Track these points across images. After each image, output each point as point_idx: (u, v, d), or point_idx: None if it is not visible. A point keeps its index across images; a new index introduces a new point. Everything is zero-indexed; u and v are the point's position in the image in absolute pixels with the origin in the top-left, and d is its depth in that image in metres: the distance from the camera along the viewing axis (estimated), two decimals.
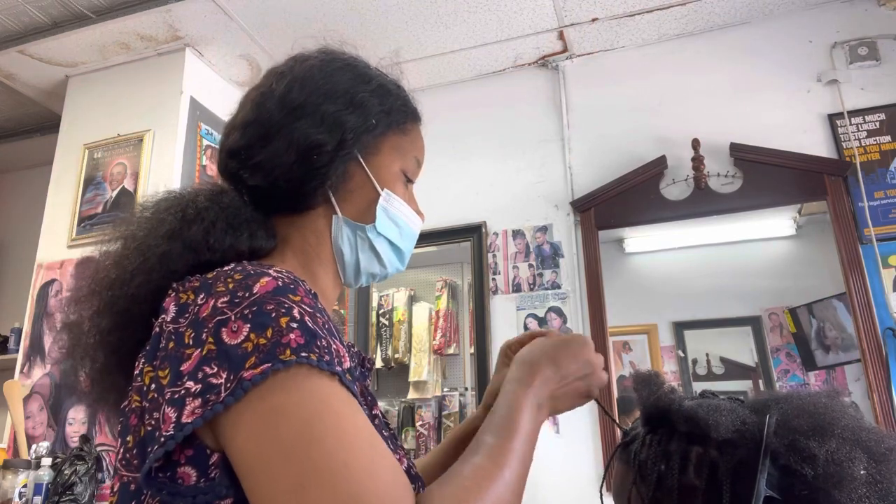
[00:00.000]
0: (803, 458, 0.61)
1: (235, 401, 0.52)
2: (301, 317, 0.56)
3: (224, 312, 0.56)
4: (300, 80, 0.77)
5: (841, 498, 0.59)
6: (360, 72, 0.81)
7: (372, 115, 0.77)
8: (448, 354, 2.74)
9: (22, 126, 3.32)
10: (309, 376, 0.54)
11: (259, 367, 0.52)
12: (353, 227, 0.76)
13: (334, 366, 0.55)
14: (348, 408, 0.55)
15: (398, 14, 2.49)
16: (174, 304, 0.61)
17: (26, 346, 2.48)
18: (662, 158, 2.46)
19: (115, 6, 2.49)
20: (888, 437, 0.63)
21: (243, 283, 0.58)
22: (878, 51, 2.37)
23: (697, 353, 2.44)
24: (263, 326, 0.54)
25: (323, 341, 0.56)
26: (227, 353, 0.54)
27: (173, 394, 0.54)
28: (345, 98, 0.76)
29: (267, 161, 0.73)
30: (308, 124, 0.73)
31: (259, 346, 0.53)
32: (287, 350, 0.53)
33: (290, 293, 0.58)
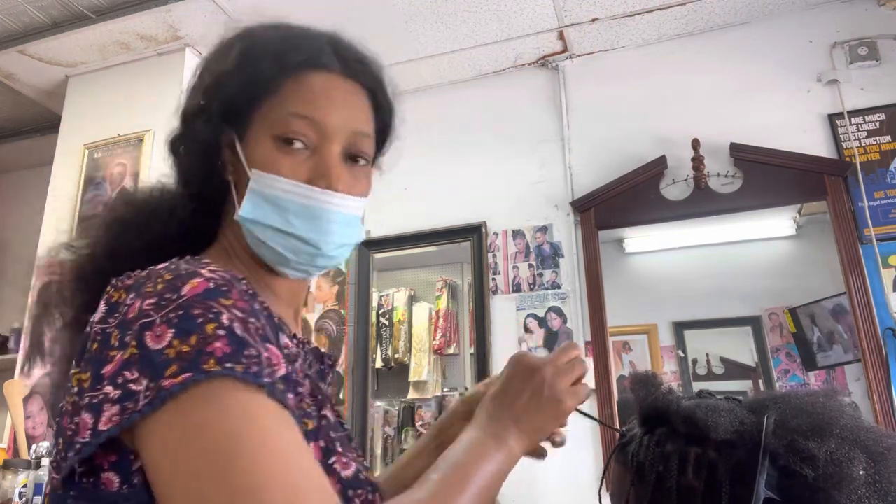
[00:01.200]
0: (802, 459, 0.61)
1: (153, 410, 0.49)
2: (230, 323, 0.53)
3: (149, 315, 0.53)
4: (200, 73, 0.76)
5: (840, 498, 0.59)
6: (221, 47, 0.75)
7: (207, 94, 0.71)
8: (448, 354, 2.74)
9: (22, 126, 3.32)
10: (232, 389, 0.50)
11: (179, 376, 0.49)
12: (244, 220, 0.69)
13: (261, 377, 0.52)
14: (273, 422, 0.52)
15: (398, 14, 2.49)
16: (104, 304, 0.58)
17: (26, 346, 2.48)
18: (662, 158, 2.46)
19: (115, 6, 2.49)
20: (887, 437, 0.63)
21: (172, 285, 0.55)
22: (878, 51, 2.37)
23: (697, 353, 2.43)
24: (188, 332, 0.51)
25: (252, 350, 0.53)
26: (149, 359, 0.51)
27: (91, 398, 0.52)
28: (202, 86, 0.73)
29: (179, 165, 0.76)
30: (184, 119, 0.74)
31: (182, 354, 0.50)
32: (211, 360, 0.50)
33: (221, 296, 0.55)
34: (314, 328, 2.75)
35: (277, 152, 0.68)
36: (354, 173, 0.72)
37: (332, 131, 0.70)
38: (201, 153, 0.71)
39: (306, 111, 0.69)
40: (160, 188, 0.77)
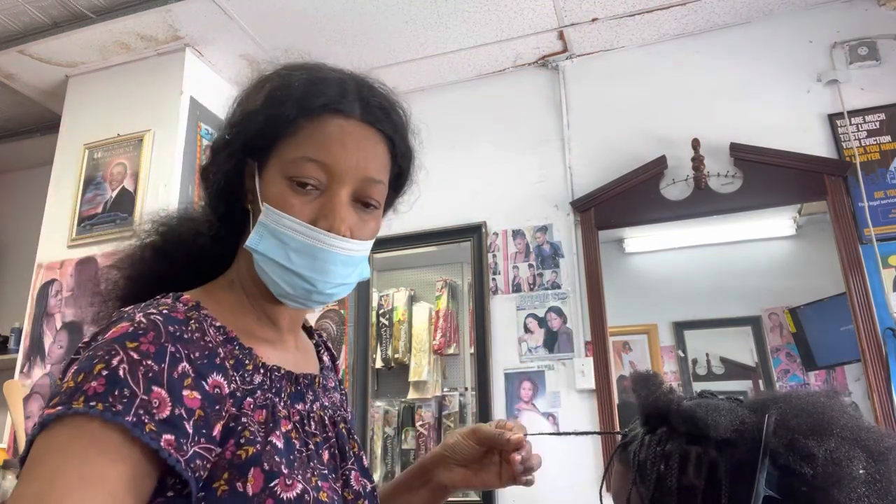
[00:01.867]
0: (802, 458, 0.61)
1: (33, 436, 0.58)
2: (117, 365, 0.58)
3: (78, 352, 0.63)
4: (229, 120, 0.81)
5: (840, 497, 0.59)
6: (257, 86, 0.79)
7: (242, 130, 0.75)
8: (448, 354, 2.74)
9: (22, 126, 3.32)
10: (82, 428, 0.56)
11: (55, 408, 0.57)
12: (251, 252, 0.74)
13: (121, 416, 0.56)
14: (97, 458, 0.55)
15: (398, 14, 2.49)
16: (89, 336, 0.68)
17: (26, 346, 2.48)
18: (662, 158, 2.46)
19: (115, 6, 2.49)
20: (887, 436, 0.63)
21: (107, 327, 0.64)
22: (878, 51, 2.37)
23: (697, 353, 2.44)
24: (81, 371, 0.59)
25: (125, 391, 0.57)
26: (55, 389, 0.60)
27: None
28: (230, 123, 0.78)
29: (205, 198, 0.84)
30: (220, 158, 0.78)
31: (67, 390, 0.58)
32: (81, 397, 0.57)
33: (128, 340, 0.61)
34: (314, 328, 2.74)
35: (289, 191, 0.72)
36: (363, 217, 0.75)
37: (340, 175, 0.72)
38: (225, 182, 0.77)
39: (318, 156, 0.72)
40: (188, 216, 0.85)
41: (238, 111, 0.78)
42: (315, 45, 2.64)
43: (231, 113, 0.79)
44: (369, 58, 2.74)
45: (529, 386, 2.42)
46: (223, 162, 0.76)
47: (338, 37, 2.61)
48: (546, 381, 2.41)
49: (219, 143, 0.78)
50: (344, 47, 2.66)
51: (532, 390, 2.41)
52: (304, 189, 0.72)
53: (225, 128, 0.78)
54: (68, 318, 2.44)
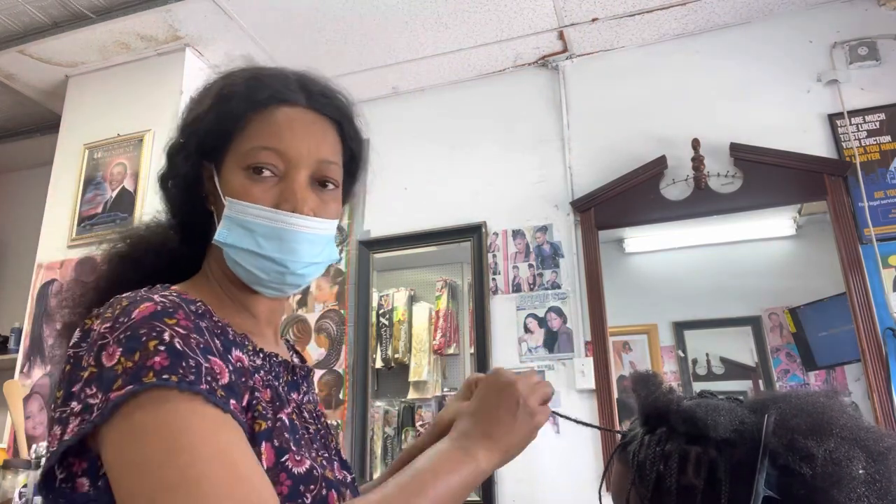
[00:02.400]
0: (802, 458, 0.61)
1: (103, 420, 0.56)
2: (171, 339, 0.59)
3: (105, 337, 0.60)
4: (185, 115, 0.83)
5: (840, 497, 0.59)
6: (204, 91, 0.83)
7: (194, 133, 0.78)
8: (448, 354, 2.74)
9: (22, 126, 3.32)
10: (167, 397, 0.56)
11: (123, 388, 0.56)
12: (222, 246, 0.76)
13: (197, 385, 0.58)
14: (209, 424, 0.57)
15: (398, 14, 2.49)
16: (79, 330, 0.66)
17: (26, 346, 2.48)
18: (662, 158, 2.46)
19: (115, 6, 2.50)
20: (887, 436, 0.63)
21: (125, 310, 0.62)
22: (878, 51, 2.37)
23: (697, 353, 2.44)
24: (132, 350, 0.58)
25: (190, 361, 0.59)
26: (102, 376, 0.58)
27: (61, 413, 0.60)
28: (184, 123, 0.81)
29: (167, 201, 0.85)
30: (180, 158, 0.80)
31: (126, 369, 0.57)
32: (150, 372, 0.57)
33: (165, 316, 0.61)
34: (314, 328, 2.75)
35: (248, 181, 0.74)
36: (323, 198, 0.78)
37: (296, 159, 0.75)
38: (184, 186, 0.79)
39: (271, 143, 0.75)
40: (155, 223, 0.87)
41: (189, 115, 0.81)
42: (315, 45, 2.64)
43: (182, 118, 0.82)
44: (369, 58, 2.74)
45: None
46: (180, 165, 0.79)
47: (338, 37, 2.61)
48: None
49: (174, 148, 0.80)
50: (344, 47, 2.66)
51: None
52: (261, 176, 0.74)
53: (177, 132, 0.81)
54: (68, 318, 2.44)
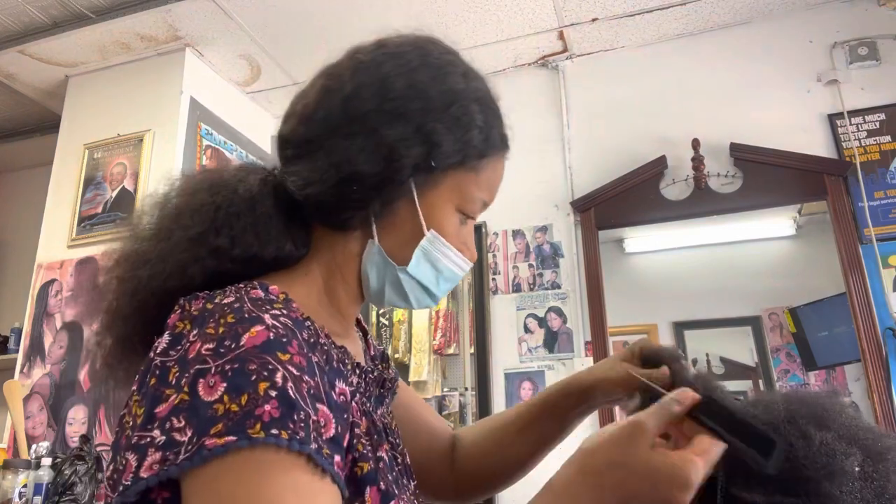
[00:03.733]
0: (801, 434, 0.62)
1: (191, 467, 0.49)
2: (283, 383, 0.52)
3: (206, 362, 0.52)
4: (371, 87, 0.66)
5: (832, 489, 0.59)
6: (445, 89, 0.68)
7: (435, 154, 0.66)
8: (448, 354, 2.74)
9: (22, 126, 3.32)
10: (272, 462, 0.49)
11: (224, 437, 0.49)
12: (385, 261, 0.69)
13: (307, 444, 0.51)
14: (307, 499, 0.51)
15: (398, 14, 2.49)
16: (169, 333, 0.57)
17: (26, 346, 2.48)
18: (662, 158, 2.46)
19: (115, 6, 2.50)
20: (886, 437, 0.64)
21: (233, 331, 0.54)
22: (878, 51, 2.37)
23: (697, 353, 2.44)
24: (240, 390, 0.50)
25: (301, 413, 0.52)
26: (197, 410, 0.50)
27: (140, 439, 0.52)
28: (412, 125, 0.65)
29: (306, 173, 0.66)
30: (358, 147, 0.64)
31: (230, 413, 0.49)
32: (258, 424, 0.49)
33: (279, 350, 0.53)
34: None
35: (456, 224, 0.70)
36: None
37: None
38: (348, 184, 0.65)
39: (489, 198, 0.73)
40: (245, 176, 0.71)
41: (417, 102, 0.66)
42: (315, 45, 2.64)
43: (402, 98, 0.66)
44: None
45: (529, 386, 2.42)
46: (385, 193, 0.66)
47: (337, 37, 2.61)
48: (546, 381, 2.41)
49: (385, 120, 0.65)
50: (343, 47, 2.65)
51: (532, 390, 2.41)
52: (465, 223, 0.72)
53: (378, 152, 0.65)
54: (68, 318, 2.44)
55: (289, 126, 0.71)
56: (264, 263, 0.67)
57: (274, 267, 0.68)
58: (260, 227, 0.67)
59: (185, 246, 0.64)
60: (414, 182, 0.67)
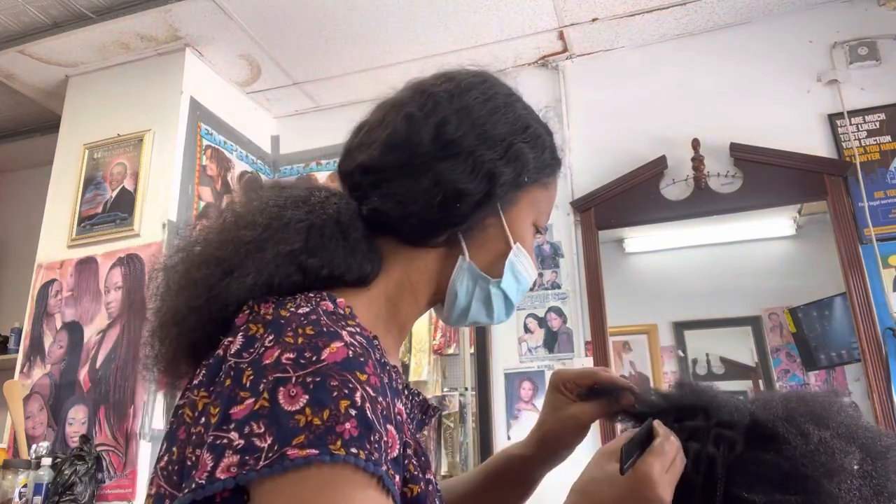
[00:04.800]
0: (799, 433, 0.62)
1: (271, 474, 0.49)
2: (362, 403, 0.53)
3: (286, 371, 0.53)
4: (459, 113, 0.73)
5: (830, 487, 0.59)
6: (518, 114, 0.78)
7: (525, 171, 0.74)
8: (448, 354, 2.73)
9: (22, 126, 3.32)
10: (348, 479, 0.50)
11: (305, 449, 0.49)
12: (477, 276, 0.73)
13: (380, 465, 0.52)
14: None
15: (398, 14, 2.49)
16: (242, 335, 0.58)
17: (26, 346, 2.48)
18: (662, 158, 2.46)
19: (115, 6, 2.50)
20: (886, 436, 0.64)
21: (313, 344, 0.55)
22: (878, 51, 2.37)
23: (697, 353, 2.44)
24: (322, 404, 0.51)
25: (376, 435, 0.53)
26: (279, 418, 0.51)
27: (216, 439, 0.52)
28: (502, 146, 0.72)
29: (406, 192, 0.69)
30: (461, 168, 0.70)
31: (312, 426, 0.50)
32: (338, 441, 0.50)
33: (357, 369, 0.54)
34: None
35: (531, 237, 0.78)
36: None
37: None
38: (453, 201, 0.70)
39: (550, 212, 0.82)
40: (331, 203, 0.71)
41: (501, 126, 0.74)
42: (315, 45, 2.64)
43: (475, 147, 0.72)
44: (369, 58, 2.74)
45: (530, 386, 2.42)
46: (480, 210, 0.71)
47: (338, 37, 2.61)
48: (546, 381, 2.41)
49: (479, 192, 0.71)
50: (344, 47, 2.66)
51: (532, 390, 2.41)
52: (535, 237, 0.79)
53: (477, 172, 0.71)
54: (68, 318, 2.44)
55: (370, 154, 0.73)
56: (343, 282, 0.68)
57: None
58: (350, 252, 0.69)
59: (278, 262, 0.65)
60: (501, 203, 0.73)
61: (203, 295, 0.64)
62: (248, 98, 3.00)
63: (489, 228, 0.73)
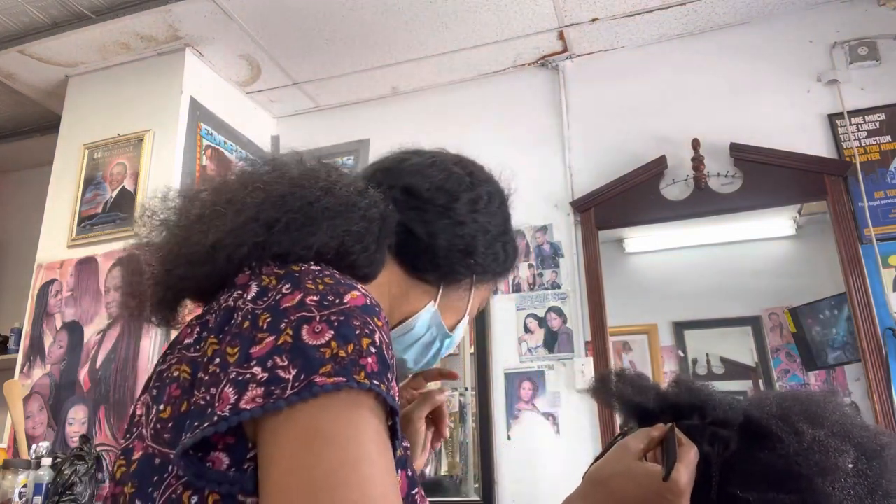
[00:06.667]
0: (793, 431, 0.62)
1: (300, 400, 0.50)
2: (380, 343, 0.56)
3: (311, 310, 0.55)
4: (491, 196, 0.89)
5: (824, 487, 0.59)
6: (509, 218, 0.93)
7: (506, 262, 0.89)
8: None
9: (22, 126, 3.32)
10: (373, 408, 0.54)
11: (333, 377, 0.51)
12: (437, 324, 0.84)
13: (394, 399, 0.55)
14: (386, 456, 0.54)
15: (398, 14, 2.49)
16: (256, 285, 0.60)
17: (26, 346, 2.48)
18: (662, 158, 2.46)
19: (115, 6, 2.50)
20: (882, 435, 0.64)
21: (334, 289, 0.58)
22: (878, 51, 2.37)
23: (697, 353, 2.43)
24: (347, 339, 0.54)
25: (391, 374, 0.56)
26: (304, 351, 0.52)
27: (238, 375, 0.52)
28: (505, 236, 0.89)
29: (441, 229, 0.81)
30: (481, 234, 0.84)
31: (338, 357, 0.52)
32: (362, 372, 0.52)
33: (375, 316, 0.58)
34: None
35: (468, 322, 0.90)
36: None
37: None
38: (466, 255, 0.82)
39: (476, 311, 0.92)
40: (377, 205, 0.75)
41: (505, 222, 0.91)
42: (315, 45, 2.64)
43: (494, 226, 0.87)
44: (369, 58, 2.74)
45: (529, 386, 2.42)
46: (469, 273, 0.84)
47: (338, 37, 2.61)
48: (546, 381, 2.41)
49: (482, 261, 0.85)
50: (344, 47, 2.66)
51: (532, 390, 2.41)
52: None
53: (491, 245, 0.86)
54: (68, 318, 2.45)
55: (418, 182, 0.83)
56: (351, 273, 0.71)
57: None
58: (378, 250, 0.73)
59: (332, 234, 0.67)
60: (479, 278, 0.86)
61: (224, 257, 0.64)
62: (248, 98, 3.00)
63: (461, 292, 0.85)
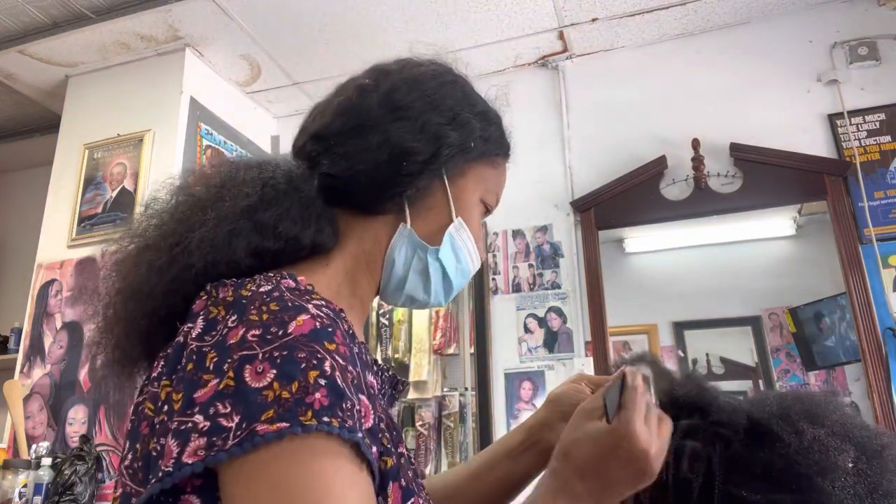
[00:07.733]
0: (793, 430, 0.62)
1: (242, 453, 0.48)
2: (331, 372, 0.52)
3: (252, 348, 0.52)
4: (408, 82, 0.75)
5: (824, 485, 0.59)
6: (468, 91, 0.79)
7: (471, 138, 0.74)
8: (448, 354, 2.73)
9: (22, 126, 3.32)
10: (323, 451, 0.50)
11: (275, 424, 0.48)
12: (416, 244, 0.72)
13: (356, 432, 0.51)
14: (356, 489, 0.51)
15: (398, 14, 2.49)
16: (202, 319, 0.57)
17: (26, 346, 2.48)
18: (662, 158, 2.46)
19: (115, 6, 2.50)
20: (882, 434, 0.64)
21: (278, 318, 0.54)
22: (878, 51, 2.37)
23: (697, 353, 2.44)
24: (290, 378, 0.50)
25: (348, 403, 0.52)
26: (245, 396, 0.49)
27: (180, 424, 0.51)
28: (450, 113, 0.74)
29: (354, 153, 0.70)
30: (407, 128, 0.71)
31: (281, 400, 0.49)
32: (309, 412, 0.49)
33: (325, 339, 0.54)
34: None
35: (478, 215, 0.77)
36: None
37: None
38: (399, 160, 0.70)
39: (499, 198, 0.81)
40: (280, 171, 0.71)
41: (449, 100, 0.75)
42: (315, 44, 2.64)
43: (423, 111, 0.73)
44: (369, 58, 2.72)
45: (530, 386, 2.42)
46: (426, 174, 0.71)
47: (337, 37, 2.61)
48: (546, 381, 2.41)
49: (443, 118, 0.73)
50: (344, 47, 2.66)
51: (532, 390, 2.41)
52: (482, 216, 0.78)
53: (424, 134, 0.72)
54: (68, 318, 2.45)
55: (322, 122, 0.75)
56: (301, 248, 0.68)
57: (311, 252, 0.69)
58: (304, 207, 0.68)
59: (233, 218, 0.64)
60: (447, 170, 0.73)
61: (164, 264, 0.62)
62: (248, 98, 3.00)
63: (434, 196, 0.73)
